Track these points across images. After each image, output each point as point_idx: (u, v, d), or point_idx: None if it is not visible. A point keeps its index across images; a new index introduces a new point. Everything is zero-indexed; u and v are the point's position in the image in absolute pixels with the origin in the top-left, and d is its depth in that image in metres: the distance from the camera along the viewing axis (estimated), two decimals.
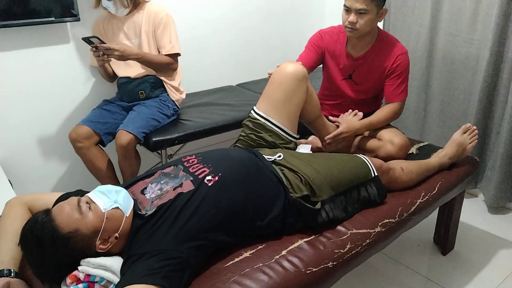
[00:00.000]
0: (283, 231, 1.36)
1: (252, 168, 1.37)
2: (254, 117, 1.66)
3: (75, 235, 1.09)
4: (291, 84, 1.63)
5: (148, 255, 1.09)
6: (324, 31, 2.00)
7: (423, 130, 2.64)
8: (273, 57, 3.10)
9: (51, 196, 1.32)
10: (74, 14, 2.12)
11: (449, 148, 1.82)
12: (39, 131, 2.25)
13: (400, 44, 1.91)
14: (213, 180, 1.28)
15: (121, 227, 1.16)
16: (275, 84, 1.64)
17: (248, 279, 1.18)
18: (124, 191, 1.24)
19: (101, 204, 1.16)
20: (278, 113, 1.64)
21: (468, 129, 1.85)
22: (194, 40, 2.66)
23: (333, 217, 1.40)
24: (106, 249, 1.15)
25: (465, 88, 2.36)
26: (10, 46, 2.06)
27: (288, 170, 1.43)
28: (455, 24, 2.33)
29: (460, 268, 1.93)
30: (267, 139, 1.63)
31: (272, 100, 1.64)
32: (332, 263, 1.29)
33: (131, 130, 1.97)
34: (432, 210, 1.71)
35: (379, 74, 1.93)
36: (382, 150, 1.83)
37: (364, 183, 1.49)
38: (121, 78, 2.20)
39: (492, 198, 2.28)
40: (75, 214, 1.11)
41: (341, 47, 1.95)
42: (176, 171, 1.34)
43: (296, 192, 1.37)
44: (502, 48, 2.15)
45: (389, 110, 1.93)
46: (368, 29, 1.80)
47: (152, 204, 1.23)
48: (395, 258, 1.99)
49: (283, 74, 1.63)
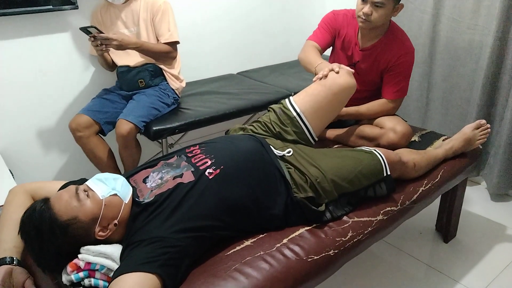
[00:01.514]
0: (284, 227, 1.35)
1: (256, 162, 1.35)
2: (288, 108, 1.60)
3: (73, 222, 1.09)
4: (342, 98, 1.61)
5: (146, 242, 1.09)
6: (338, 12, 1.95)
7: (426, 117, 2.62)
8: (274, 44, 3.07)
9: (54, 184, 1.32)
10: (72, 2, 2.10)
11: (457, 142, 1.79)
12: (39, 120, 2.24)
13: (409, 42, 1.86)
14: (214, 173, 1.27)
15: (120, 214, 1.16)
16: (327, 92, 1.57)
17: (249, 267, 1.18)
18: (122, 178, 1.23)
19: (99, 191, 1.15)
20: (316, 117, 1.59)
21: (481, 125, 1.81)
22: (194, 28, 2.63)
23: (337, 216, 1.39)
24: (105, 236, 1.15)
25: (468, 75, 2.34)
26: (8, 34, 2.04)
27: (295, 169, 1.40)
28: (458, 10, 2.29)
29: (462, 256, 1.92)
30: (288, 134, 1.58)
31: (317, 104, 1.59)
32: (334, 251, 1.28)
33: (131, 120, 1.96)
34: (435, 198, 1.71)
35: (382, 69, 1.90)
36: (384, 138, 1.81)
37: (373, 184, 1.45)
38: (120, 67, 2.18)
39: (495, 185, 2.27)
40: (73, 202, 1.11)
41: (352, 33, 1.91)
42: (179, 161, 1.34)
43: (300, 192, 1.35)
44: (507, 35, 2.11)
45: (380, 104, 1.90)
46: (381, 23, 1.77)
47: (151, 193, 1.23)
48: (397, 246, 1.99)
49: (341, 85, 1.57)
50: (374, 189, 1.46)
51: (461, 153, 1.82)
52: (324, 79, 1.59)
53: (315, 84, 1.62)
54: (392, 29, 1.87)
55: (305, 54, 1.88)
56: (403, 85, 1.88)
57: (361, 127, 1.92)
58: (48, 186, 1.32)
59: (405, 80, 1.88)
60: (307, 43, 1.94)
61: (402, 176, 1.59)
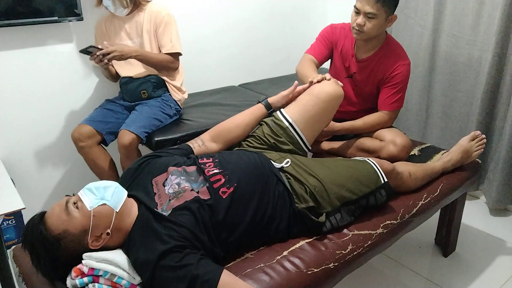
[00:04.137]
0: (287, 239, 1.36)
1: (264, 178, 1.36)
2: (280, 119, 1.63)
3: (64, 236, 1.10)
4: (331, 105, 1.63)
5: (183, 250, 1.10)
6: (336, 25, 2.00)
7: (425, 131, 2.63)
8: (275, 58, 3.10)
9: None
10: (77, 13, 2.12)
11: (454, 154, 1.81)
12: (42, 130, 2.25)
13: (404, 54, 1.89)
14: (228, 191, 1.28)
15: (112, 223, 1.15)
16: (316, 100, 1.62)
17: (249, 279, 1.18)
18: (114, 186, 1.21)
19: (87, 202, 1.15)
20: (308, 126, 1.62)
21: (476, 136, 1.84)
22: (196, 40, 2.66)
23: (338, 226, 1.40)
24: (99, 246, 1.15)
25: (468, 90, 2.36)
26: (13, 45, 2.06)
27: (294, 179, 1.42)
28: (458, 26, 2.32)
29: (462, 270, 1.92)
30: (283, 144, 1.60)
31: (307, 113, 1.62)
32: (334, 264, 1.29)
33: (133, 130, 1.97)
34: (434, 212, 1.71)
35: (378, 81, 1.92)
36: (384, 150, 1.82)
37: (373, 191, 1.46)
38: (123, 78, 2.20)
39: (494, 200, 2.28)
40: (63, 215, 1.12)
41: (349, 45, 1.95)
42: (197, 175, 1.33)
43: (301, 203, 1.36)
44: (505, 50, 2.14)
45: (376, 117, 1.92)
46: (374, 33, 1.80)
47: (168, 204, 1.21)
48: (396, 260, 1.99)
49: (329, 93, 1.61)
50: (375, 197, 1.47)
51: (461, 167, 1.84)
52: (316, 92, 1.63)
53: (303, 95, 1.66)
54: (388, 42, 1.90)
55: (302, 67, 1.93)
56: (399, 97, 1.90)
57: (361, 140, 1.93)
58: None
59: (401, 92, 1.90)
60: (304, 56, 1.98)
61: (399, 186, 1.60)
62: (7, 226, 2.11)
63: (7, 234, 2.12)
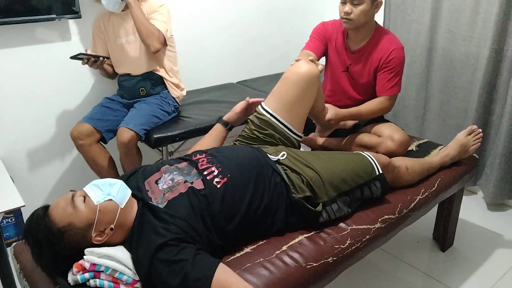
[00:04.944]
0: (285, 231, 1.37)
1: (258, 169, 1.37)
2: (261, 112, 1.63)
3: (69, 228, 1.11)
4: (305, 85, 1.59)
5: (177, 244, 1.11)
6: (326, 22, 2.02)
7: (423, 127, 2.64)
8: (273, 55, 3.11)
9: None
10: (75, 11, 2.13)
11: (452, 149, 1.83)
12: (41, 128, 2.26)
13: (396, 39, 1.91)
14: (222, 181, 1.29)
15: (116, 218, 1.17)
16: (288, 84, 1.60)
17: (249, 274, 1.19)
18: (119, 183, 1.23)
19: (94, 197, 1.16)
20: (287, 112, 1.61)
21: (473, 131, 1.86)
22: (195, 38, 2.67)
23: (334, 218, 1.41)
24: (102, 241, 1.16)
25: (465, 86, 2.37)
26: (11, 43, 2.06)
27: (290, 171, 1.43)
28: (455, 22, 2.33)
29: (459, 265, 1.94)
30: (272, 137, 1.61)
31: (283, 99, 1.60)
32: (332, 258, 1.30)
33: (132, 127, 1.98)
34: (432, 206, 1.73)
35: (374, 68, 1.93)
36: (382, 146, 1.83)
37: (368, 183, 1.47)
38: (122, 75, 2.20)
39: (491, 195, 2.29)
40: (69, 208, 1.13)
41: (342, 38, 1.97)
42: (189, 169, 1.34)
43: (298, 193, 1.37)
44: (502, 46, 2.16)
45: (378, 102, 1.92)
46: (362, 20, 1.81)
47: (163, 197, 1.23)
48: (394, 255, 2.01)
49: (298, 74, 1.59)
50: (370, 189, 1.48)
51: (458, 162, 1.85)
52: (286, 76, 1.62)
53: (278, 83, 1.65)
54: (379, 30, 1.92)
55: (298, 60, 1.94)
56: (397, 81, 1.91)
57: (359, 136, 1.95)
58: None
59: (398, 76, 1.91)
60: (301, 52, 1.99)
61: (396, 180, 1.62)
62: (6, 224, 2.11)
63: (7, 232, 2.13)
